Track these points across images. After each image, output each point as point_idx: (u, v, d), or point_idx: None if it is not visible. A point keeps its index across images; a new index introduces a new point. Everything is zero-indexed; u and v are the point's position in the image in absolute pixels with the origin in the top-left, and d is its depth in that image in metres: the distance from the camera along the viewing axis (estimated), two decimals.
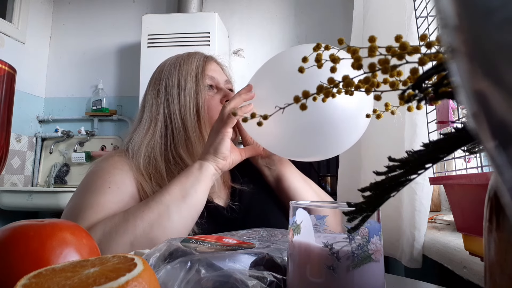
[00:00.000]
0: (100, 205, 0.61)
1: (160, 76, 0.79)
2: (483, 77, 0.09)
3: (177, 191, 0.61)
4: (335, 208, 0.31)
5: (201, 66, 0.79)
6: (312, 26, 2.40)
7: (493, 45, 0.09)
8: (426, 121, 0.62)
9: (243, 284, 0.30)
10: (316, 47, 0.33)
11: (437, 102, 0.26)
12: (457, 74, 0.11)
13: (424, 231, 0.84)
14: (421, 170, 0.24)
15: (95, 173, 0.69)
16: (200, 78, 0.77)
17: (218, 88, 0.80)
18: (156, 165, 0.71)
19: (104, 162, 0.71)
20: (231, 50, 2.46)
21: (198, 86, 0.76)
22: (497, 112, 0.09)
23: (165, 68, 0.80)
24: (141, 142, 0.73)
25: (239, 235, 0.47)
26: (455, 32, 0.10)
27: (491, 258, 0.19)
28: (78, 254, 0.31)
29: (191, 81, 0.77)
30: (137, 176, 0.69)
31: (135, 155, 0.71)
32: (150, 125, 0.75)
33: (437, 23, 0.49)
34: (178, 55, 0.83)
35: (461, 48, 0.10)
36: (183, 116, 0.74)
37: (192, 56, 0.81)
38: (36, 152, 2.50)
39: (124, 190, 0.66)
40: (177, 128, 0.74)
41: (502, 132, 0.09)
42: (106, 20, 2.62)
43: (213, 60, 0.84)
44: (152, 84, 0.80)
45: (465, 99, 0.11)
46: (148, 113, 0.76)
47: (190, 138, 0.74)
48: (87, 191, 0.65)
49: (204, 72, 0.78)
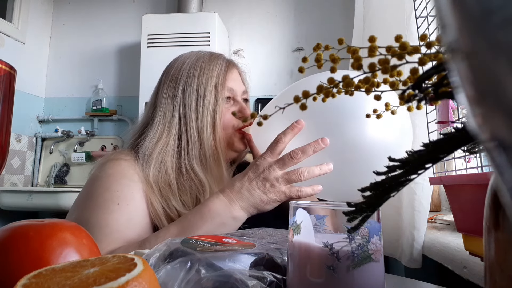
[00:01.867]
0: (109, 227, 0.59)
1: (178, 76, 0.74)
2: (483, 77, 0.09)
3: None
4: (335, 208, 0.31)
5: (222, 75, 0.75)
6: (312, 26, 2.40)
7: (493, 45, 0.09)
8: (426, 121, 0.62)
9: (243, 284, 0.30)
10: (316, 47, 0.33)
11: (437, 102, 0.26)
12: (456, 74, 0.11)
13: (424, 231, 0.84)
14: (421, 170, 0.24)
15: (101, 181, 0.65)
16: (220, 90, 0.74)
17: (235, 100, 0.77)
18: (166, 177, 0.68)
19: (111, 168, 0.67)
20: (231, 50, 2.46)
21: (217, 98, 0.73)
22: (497, 112, 0.09)
23: (183, 67, 0.75)
24: (152, 149, 0.69)
25: (239, 235, 0.47)
26: (455, 32, 0.10)
27: (491, 258, 0.19)
28: (78, 254, 0.31)
29: (211, 91, 0.73)
30: (146, 189, 0.66)
31: (145, 163, 0.68)
32: (164, 131, 0.71)
33: (437, 23, 0.49)
34: (199, 53, 0.78)
35: (461, 48, 0.10)
36: (199, 128, 0.71)
37: (214, 60, 0.76)
38: (36, 152, 2.50)
39: (133, 207, 0.63)
40: (192, 139, 0.70)
41: (502, 132, 0.09)
42: (106, 20, 2.62)
43: (234, 67, 0.80)
44: (167, 82, 0.75)
45: (464, 100, 0.11)
46: (162, 116, 0.72)
47: (205, 153, 0.70)
48: (94, 205, 0.62)
49: (224, 83, 0.75)
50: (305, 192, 0.61)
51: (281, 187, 0.60)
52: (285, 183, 0.60)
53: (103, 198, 0.62)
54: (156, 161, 0.68)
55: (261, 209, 0.61)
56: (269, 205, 0.61)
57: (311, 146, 0.60)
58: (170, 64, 0.79)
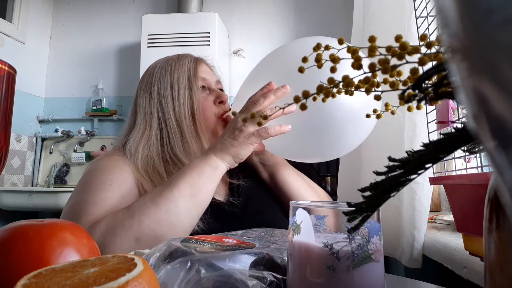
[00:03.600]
0: (103, 201, 0.62)
1: (151, 79, 0.80)
2: (483, 77, 0.09)
3: (187, 189, 0.60)
4: (335, 208, 0.31)
5: (193, 68, 0.80)
6: (312, 26, 2.40)
7: (494, 45, 0.09)
8: (426, 121, 0.62)
9: (243, 284, 0.30)
10: (316, 47, 0.33)
11: (437, 102, 0.26)
12: (457, 74, 0.11)
13: (424, 231, 0.84)
14: (421, 170, 0.24)
15: (95, 171, 0.69)
16: (193, 80, 0.78)
17: (210, 89, 0.81)
18: (154, 165, 0.72)
19: (104, 161, 0.71)
20: (231, 50, 2.46)
21: (191, 88, 0.77)
22: (497, 112, 0.09)
23: (155, 71, 0.80)
24: (137, 145, 0.73)
25: (239, 235, 0.47)
26: (455, 32, 0.10)
27: (491, 258, 0.19)
28: (78, 254, 0.31)
29: (184, 84, 0.77)
30: (137, 176, 0.69)
31: (133, 156, 0.72)
32: (145, 129, 0.75)
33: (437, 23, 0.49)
34: (167, 57, 0.84)
35: (461, 48, 0.10)
36: (178, 119, 0.75)
37: (182, 58, 0.82)
38: (36, 152, 2.50)
39: (125, 187, 0.66)
40: (172, 130, 0.74)
41: (502, 132, 0.09)
42: (106, 20, 2.62)
43: (203, 62, 0.85)
44: (143, 88, 0.80)
45: (465, 99, 0.11)
46: (142, 117, 0.77)
47: (186, 139, 0.74)
48: (88, 188, 0.65)
49: (196, 74, 0.79)
50: (273, 130, 0.62)
51: (248, 129, 0.62)
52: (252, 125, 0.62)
53: (97, 182, 0.66)
54: (143, 154, 0.72)
55: (236, 155, 0.64)
56: (241, 149, 0.63)
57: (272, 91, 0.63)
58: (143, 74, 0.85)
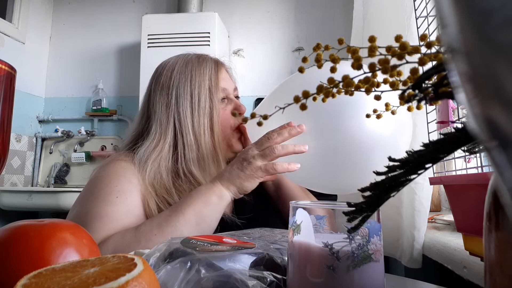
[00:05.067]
0: (109, 216, 0.60)
1: (169, 83, 0.74)
2: (483, 77, 0.09)
3: (192, 217, 0.59)
4: (335, 208, 0.31)
5: (214, 77, 0.75)
6: (312, 26, 2.39)
7: (494, 46, 0.09)
8: (426, 121, 0.62)
9: (243, 284, 0.30)
10: (316, 47, 0.33)
11: (437, 102, 0.26)
12: (457, 75, 0.11)
13: (424, 231, 0.84)
14: (421, 170, 0.24)
15: (102, 180, 0.67)
16: (214, 92, 0.74)
17: (228, 98, 0.78)
18: (161, 181, 0.69)
19: (111, 168, 0.69)
20: (231, 50, 2.46)
21: (212, 101, 0.73)
22: (498, 112, 0.09)
23: (174, 75, 0.75)
24: (148, 156, 0.70)
25: (239, 235, 0.47)
26: (455, 32, 0.10)
27: (491, 258, 0.19)
28: (78, 254, 0.31)
29: (205, 95, 0.73)
30: (143, 190, 0.67)
31: (142, 167, 0.69)
32: (160, 140, 0.71)
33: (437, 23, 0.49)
34: (186, 57, 0.78)
35: (461, 48, 0.10)
36: (196, 132, 0.71)
37: (203, 63, 0.77)
38: (36, 152, 2.50)
39: (132, 201, 0.65)
40: (189, 144, 0.71)
41: (502, 132, 0.09)
42: (106, 20, 2.62)
43: (223, 66, 0.81)
44: (159, 90, 0.75)
45: (464, 99, 0.11)
46: (158, 126, 0.72)
47: (203, 155, 0.71)
48: (94, 199, 0.63)
49: (217, 84, 0.75)
50: (280, 166, 0.62)
51: (256, 162, 0.62)
52: (261, 159, 0.62)
53: (103, 193, 0.64)
54: (152, 167, 0.69)
55: (241, 187, 0.63)
56: (247, 181, 0.63)
57: (287, 129, 0.62)
58: (158, 71, 0.79)
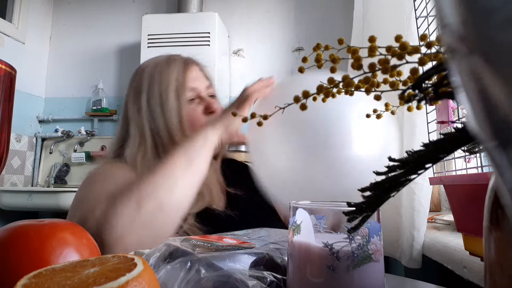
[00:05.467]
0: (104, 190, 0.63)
1: (140, 87, 0.77)
2: (484, 77, 0.09)
3: (182, 157, 0.63)
4: (335, 208, 0.31)
5: (180, 77, 0.76)
6: (312, 26, 2.39)
7: (494, 45, 0.09)
8: (426, 121, 0.62)
9: (243, 284, 0.30)
10: (316, 47, 0.33)
11: (437, 102, 0.26)
12: (457, 74, 0.11)
13: (424, 231, 0.84)
14: (421, 170, 0.24)
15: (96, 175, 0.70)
16: (181, 93, 0.76)
17: (200, 97, 0.79)
18: None
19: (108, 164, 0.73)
20: (231, 50, 2.46)
21: (179, 101, 0.75)
22: (498, 112, 0.09)
23: (144, 77, 0.77)
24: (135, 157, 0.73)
25: (239, 235, 0.47)
26: (455, 32, 0.10)
27: (491, 258, 0.19)
28: (78, 254, 0.31)
29: (172, 95, 0.75)
30: None
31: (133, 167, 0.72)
32: (141, 142, 0.74)
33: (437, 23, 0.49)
34: (157, 60, 0.80)
35: (461, 48, 0.10)
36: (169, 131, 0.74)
37: (172, 63, 0.78)
38: (36, 152, 2.50)
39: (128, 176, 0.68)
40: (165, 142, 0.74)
41: (502, 132, 0.09)
42: (106, 20, 2.62)
43: (193, 64, 0.81)
44: (132, 95, 0.78)
45: (465, 99, 0.11)
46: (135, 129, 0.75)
47: None
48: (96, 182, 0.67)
49: (184, 85, 0.76)
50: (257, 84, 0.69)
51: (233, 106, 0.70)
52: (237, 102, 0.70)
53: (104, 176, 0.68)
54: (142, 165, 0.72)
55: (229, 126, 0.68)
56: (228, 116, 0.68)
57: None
58: (132, 76, 0.82)
